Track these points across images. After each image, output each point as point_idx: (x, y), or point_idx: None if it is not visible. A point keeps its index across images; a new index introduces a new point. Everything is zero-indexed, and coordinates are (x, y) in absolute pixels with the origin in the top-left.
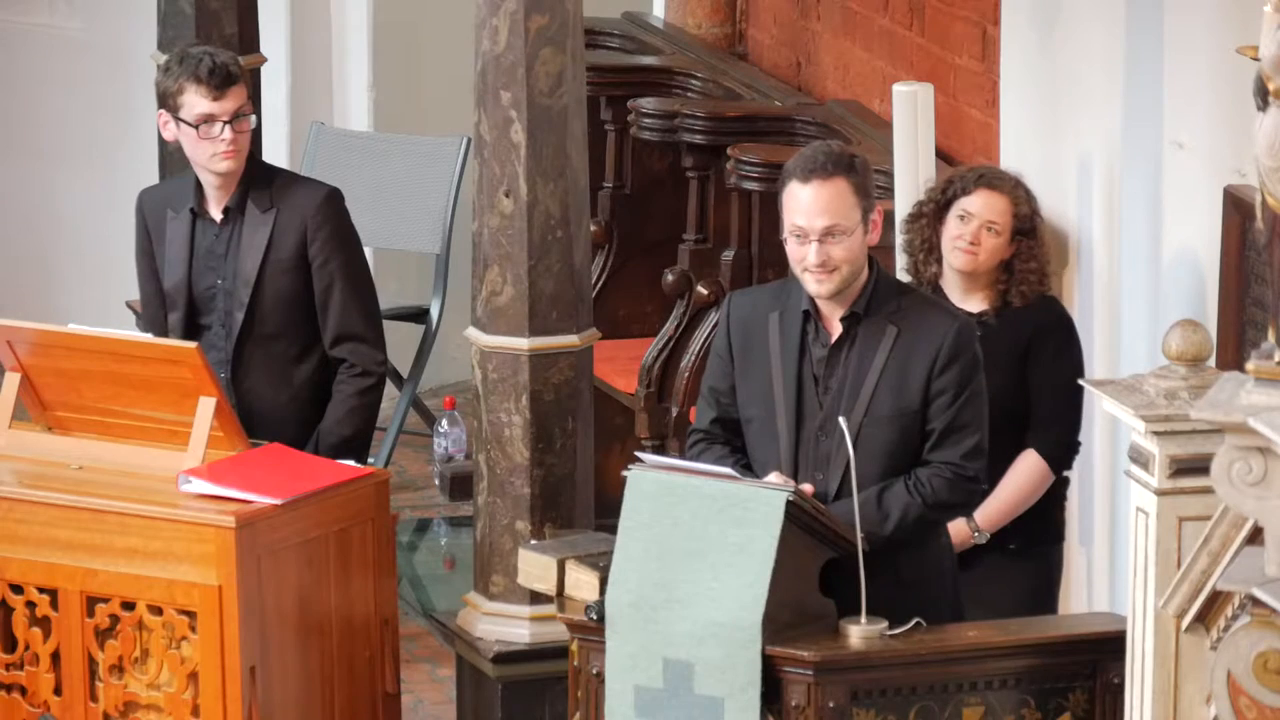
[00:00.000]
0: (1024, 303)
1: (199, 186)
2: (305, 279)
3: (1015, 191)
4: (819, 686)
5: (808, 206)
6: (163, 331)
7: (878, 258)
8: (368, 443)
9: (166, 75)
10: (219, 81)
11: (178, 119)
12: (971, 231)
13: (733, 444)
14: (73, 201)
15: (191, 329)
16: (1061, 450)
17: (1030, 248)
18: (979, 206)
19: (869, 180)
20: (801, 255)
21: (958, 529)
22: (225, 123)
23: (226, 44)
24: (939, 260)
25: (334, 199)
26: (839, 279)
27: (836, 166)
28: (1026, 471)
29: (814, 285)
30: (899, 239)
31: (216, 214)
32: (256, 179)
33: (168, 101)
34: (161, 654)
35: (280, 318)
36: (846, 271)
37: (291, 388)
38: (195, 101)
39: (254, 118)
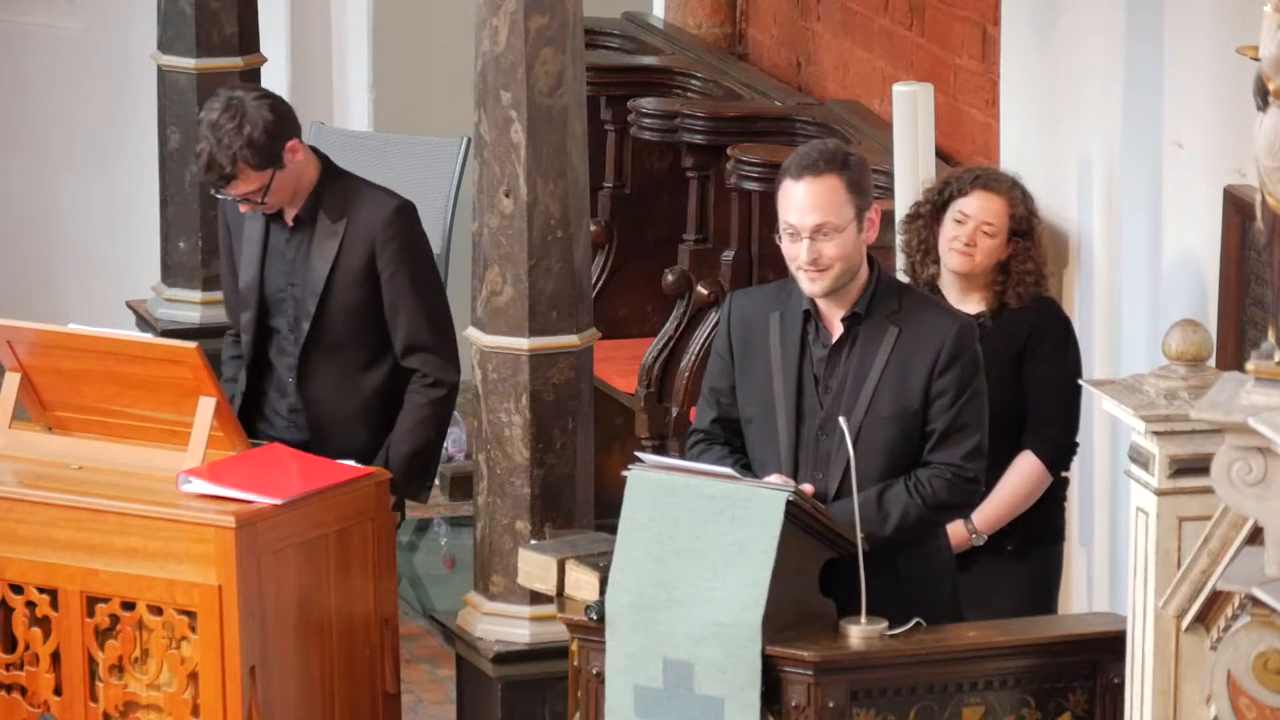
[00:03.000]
0: (1020, 304)
1: None
2: (374, 290)
3: (1012, 193)
4: (819, 686)
5: (799, 204)
6: (245, 327)
7: (877, 258)
8: (438, 453)
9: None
10: (214, 185)
11: None
12: (967, 233)
13: (733, 444)
14: (73, 201)
15: (263, 330)
16: (1058, 451)
17: (1027, 249)
18: (975, 208)
19: (865, 178)
20: (794, 253)
21: (955, 531)
22: (240, 199)
23: (226, 44)
24: (936, 261)
25: (404, 212)
26: (831, 277)
27: (829, 164)
28: (1023, 473)
29: (807, 283)
30: (897, 239)
31: (289, 218)
32: (331, 187)
33: None
34: (161, 654)
35: (347, 328)
36: (839, 269)
37: (360, 396)
38: None
39: (263, 194)
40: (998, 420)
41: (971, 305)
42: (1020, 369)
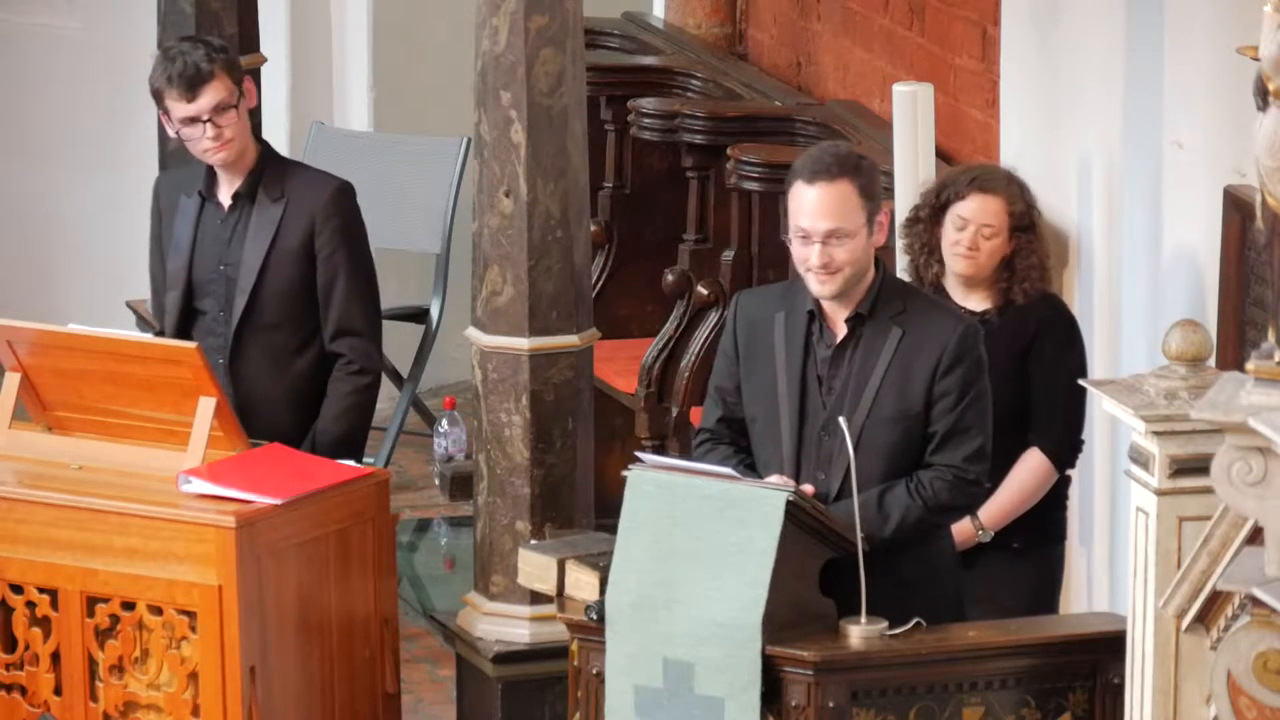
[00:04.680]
0: (1027, 300)
1: (211, 171)
2: (310, 270)
3: (1009, 190)
4: (819, 686)
5: (812, 208)
6: (169, 309)
7: (882, 259)
8: (363, 440)
9: (152, 74)
10: (189, 84)
11: (170, 118)
12: (969, 237)
13: (738, 444)
14: (73, 201)
15: (188, 312)
16: (1065, 448)
17: (1029, 243)
18: (973, 211)
19: (875, 182)
20: (805, 256)
21: (962, 527)
22: (206, 120)
23: (226, 44)
24: (940, 261)
25: (345, 192)
26: (842, 280)
27: (842, 168)
28: (1030, 470)
29: (817, 286)
30: (899, 243)
31: (225, 199)
32: (269, 168)
33: (159, 101)
34: (161, 654)
35: (282, 307)
36: (850, 273)
37: (289, 377)
38: (175, 106)
39: (234, 110)
40: (1003, 417)
41: (977, 303)
42: (1026, 366)
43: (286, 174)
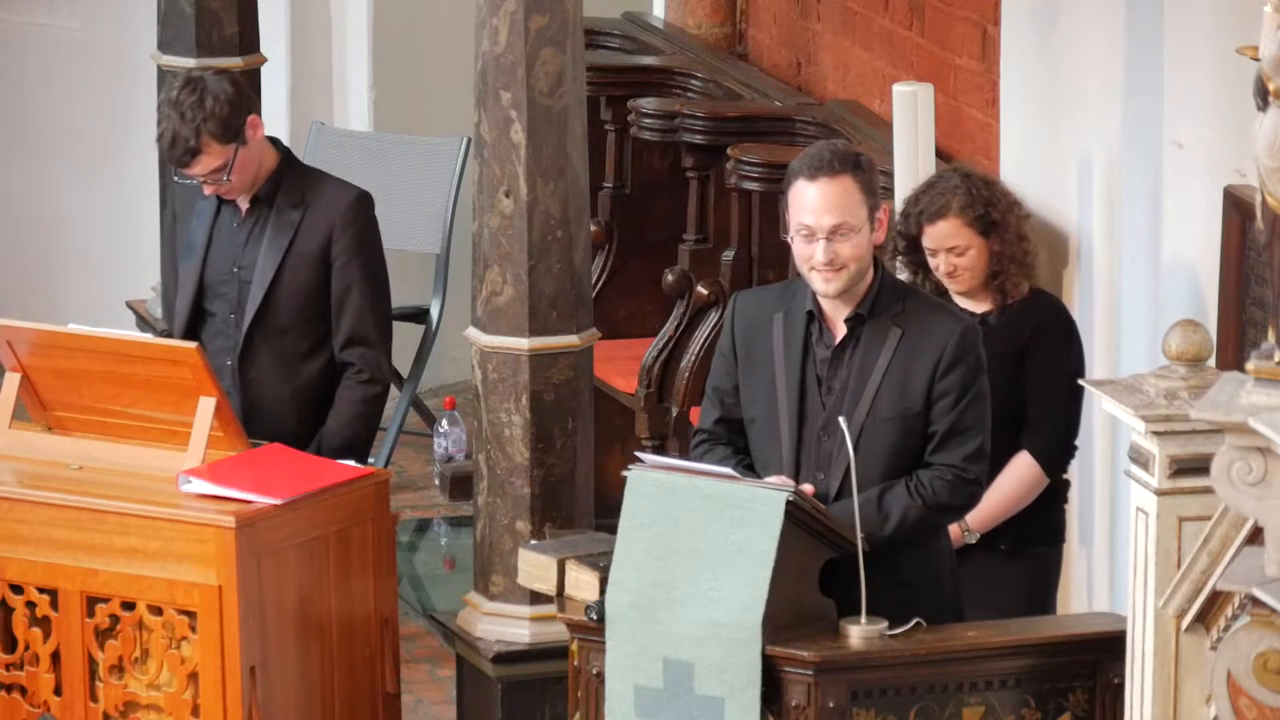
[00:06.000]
0: (1023, 293)
1: None
2: (324, 276)
3: (958, 202)
4: (819, 686)
5: (815, 204)
6: (179, 311)
7: (879, 259)
8: (368, 449)
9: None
10: (176, 162)
11: None
12: (944, 262)
13: (736, 444)
14: (73, 201)
15: (197, 314)
16: (1055, 452)
17: (1000, 242)
18: (935, 239)
19: (874, 178)
20: (809, 254)
21: (949, 529)
22: (201, 181)
23: (226, 44)
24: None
25: (364, 201)
26: (846, 277)
27: (843, 164)
28: (1017, 473)
29: (821, 284)
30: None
31: (243, 203)
32: (289, 174)
33: None
34: (161, 654)
35: (294, 311)
36: (854, 269)
37: (296, 382)
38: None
39: (228, 170)
40: (999, 418)
41: (978, 304)
42: (1023, 368)
43: (306, 181)
